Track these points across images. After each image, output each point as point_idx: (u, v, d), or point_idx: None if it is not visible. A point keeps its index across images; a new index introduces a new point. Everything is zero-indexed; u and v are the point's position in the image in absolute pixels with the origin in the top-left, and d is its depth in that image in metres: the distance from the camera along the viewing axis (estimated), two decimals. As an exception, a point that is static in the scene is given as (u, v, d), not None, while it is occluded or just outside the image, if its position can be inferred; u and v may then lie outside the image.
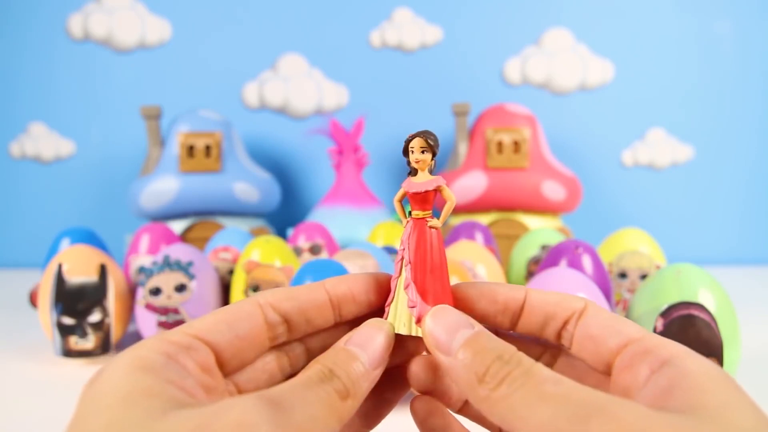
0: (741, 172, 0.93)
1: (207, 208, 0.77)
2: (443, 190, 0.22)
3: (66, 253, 0.51)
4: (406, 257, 0.21)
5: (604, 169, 0.94)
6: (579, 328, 0.20)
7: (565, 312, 0.20)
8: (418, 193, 0.21)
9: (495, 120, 0.76)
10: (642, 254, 0.54)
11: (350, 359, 0.19)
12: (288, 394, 0.17)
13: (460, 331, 0.19)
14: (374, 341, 0.20)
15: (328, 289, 0.22)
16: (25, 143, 0.95)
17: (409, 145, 0.21)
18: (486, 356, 0.17)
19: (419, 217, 0.21)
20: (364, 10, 0.93)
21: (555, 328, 0.20)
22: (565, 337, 0.20)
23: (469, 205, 0.76)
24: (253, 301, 0.20)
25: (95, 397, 0.16)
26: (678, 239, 0.89)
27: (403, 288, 0.21)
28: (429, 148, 0.21)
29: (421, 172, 0.21)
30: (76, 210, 0.96)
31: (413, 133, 0.21)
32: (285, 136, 0.95)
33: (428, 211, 0.22)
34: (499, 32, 0.93)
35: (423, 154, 0.21)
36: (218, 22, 0.94)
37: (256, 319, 0.20)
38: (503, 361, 0.17)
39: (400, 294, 0.21)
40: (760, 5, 0.90)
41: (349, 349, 0.19)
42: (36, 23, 0.93)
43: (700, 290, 0.38)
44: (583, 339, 0.19)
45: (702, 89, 0.92)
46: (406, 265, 0.21)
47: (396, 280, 0.21)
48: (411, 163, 0.21)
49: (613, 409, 0.14)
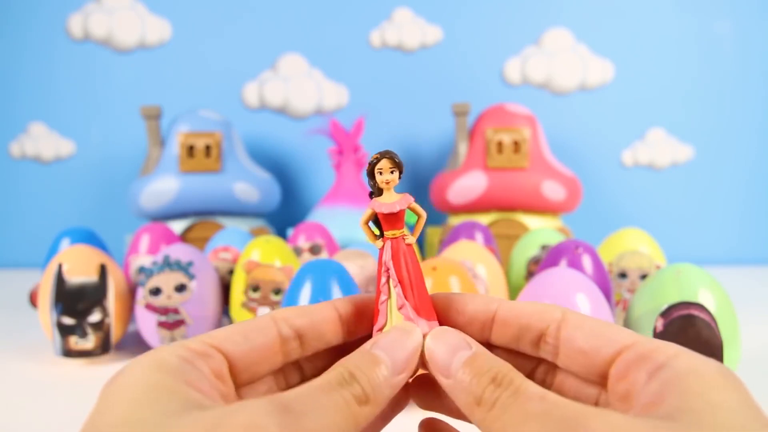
0: (741, 172, 0.93)
1: (207, 208, 0.77)
2: (414, 207, 0.22)
3: (66, 253, 0.51)
4: (393, 278, 0.21)
5: (604, 169, 0.94)
6: (564, 341, 0.19)
7: (540, 323, 0.20)
8: (392, 213, 0.21)
9: (495, 120, 0.76)
10: (642, 254, 0.54)
11: (373, 363, 0.19)
12: (303, 398, 0.17)
13: (458, 353, 0.19)
14: (401, 346, 0.20)
15: (337, 306, 0.22)
16: (25, 143, 0.95)
17: (376, 166, 0.21)
18: (482, 378, 0.17)
19: (396, 236, 0.22)
20: (364, 10, 0.93)
21: (530, 340, 0.20)
22: (545, 350, 0.20)
23: (469, 205, 0.76)
24: (268, 316, 0.21)
25: (114, 392, 0.16)
26: (678, 239, 0.89)
27: (397, 309, 0.21)
28: (396, 167, 0.21)
29: (387, 192, 0.22)
30: (76, 210, 0.96)
31: (377, 154, 0.21)
32: (285, 136, 0.95)
33: (402, 228, 0.22)
34: (499, 32, 0.93)
35: (392, 174, 0.21)
36: (218, 22, 0.94)
37: (271, 332, 0.20)
38: (496, 383, 0.17)
39: (394, 315, 0.21)
40: (760, 5, 0.90)
41: (373, 353, 0.19)
42: (36, 23, 0.93)
43: (700, 290, 0.38)
44: (570, 353, 0.19)
45: (702, 89, 0.92)
46: (396, 287, 0.21)
47: (386, 303, 0.21)
48: (378, 184, 0.21)
49: (592, 422, 0.15)
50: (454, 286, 0.38)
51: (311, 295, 0.38)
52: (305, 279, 0.38)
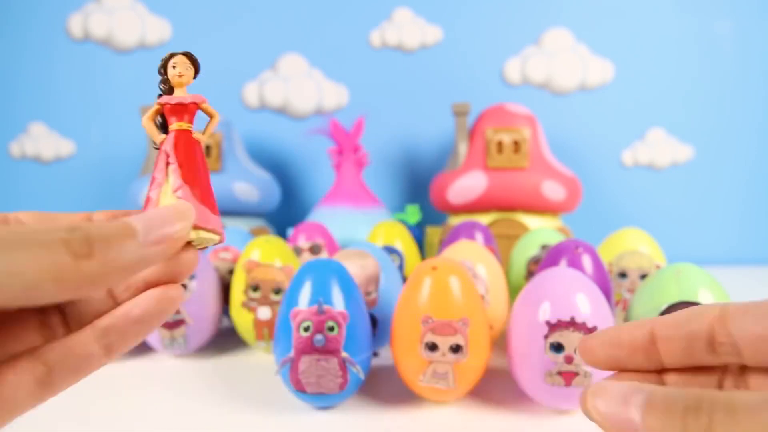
0: (741, 172, 0.93)
1: (207, 208, 0.77)
2: (206, 106, 0.21)
3: (66, 253, 0.51)
4: (173, 162, 0.20)
5: (604, 169, 0.94)
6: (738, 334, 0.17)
7: (703, 325, 0.18)
8: (180, 104, 0.21)
9: (495, 120, 0.76)
10: (642, 254, 0.54)
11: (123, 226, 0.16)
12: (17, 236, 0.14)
13: (631, 400, 0.16)
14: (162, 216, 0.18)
15: None
16: (25, 143, 0.95)
17: (170, 61, 0.21)
18: (675, 414, 0.15)
19: (183, 128, 0.21)
20: (364, 10, 0.93)
21: (703, 347, 0.18)
22: (724, 351, 0.18)
23: (469, 205, 0.76)
24: None
25: None
26: (678, 239, 0.89)
27: (173, 191, 0.20)
28: (193, 65, 0.21)
29: (178, 89, 0.21)
30: (76, 210, 0.96)
31: (172, 52, 0.21)
32: (285, 136, 0.95)
33: (191, 124, 0.21)
34: (499, 32, 0.93)
35: (187, 71, 0.21)
36: (218, 22, 0.94)
37: None
38: (694, 410, 0.14)
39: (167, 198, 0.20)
40: (760, 5, 0.90)
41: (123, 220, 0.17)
42: (36, 23, 0.93)
43: (700, 290, 0.38)
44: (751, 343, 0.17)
45: (702, 89, 0.92)
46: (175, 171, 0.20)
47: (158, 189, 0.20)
48: (171, 79, 0.21)
49: None
50: (454, 286, 0.38)
51: (311, 294, 0.37)
52: (305, 278, 0.38)
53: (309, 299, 0.37)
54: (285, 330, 0.37)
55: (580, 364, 0.36)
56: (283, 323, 0.38)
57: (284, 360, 0.37)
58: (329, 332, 0.36)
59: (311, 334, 0.36)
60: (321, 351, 0.36)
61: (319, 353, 0.36)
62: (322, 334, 0.36)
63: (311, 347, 0.36)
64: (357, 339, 0.37)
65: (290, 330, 0.37)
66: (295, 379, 0.37)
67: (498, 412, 0.39)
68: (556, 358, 0.36)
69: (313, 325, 0.36)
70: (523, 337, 0.38)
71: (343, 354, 0.36)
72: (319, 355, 0.36)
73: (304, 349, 0.36)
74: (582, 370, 0.36)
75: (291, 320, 0.37)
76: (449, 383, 0.37)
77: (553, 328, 0.36)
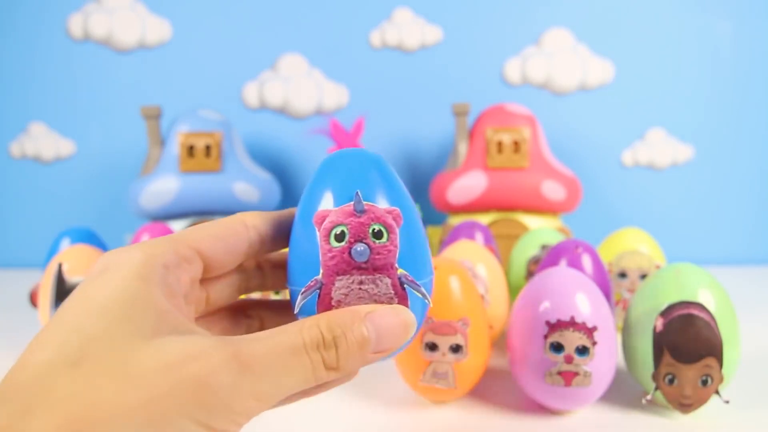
0: (741, 173, 0.93)
1: (207, 208, 0.77)
2: None
3: (66, 253, 0.51)
4: None
5: (604, 169, 0.94)
6: None
7: None
8: None
9: (495, 120, 0.76)
10: (642, 254, 0.54)
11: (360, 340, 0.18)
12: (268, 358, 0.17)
13: None
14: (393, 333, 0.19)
15: None
16: (25, 143, 0.95)
17: None
18: None
19: None
20: (364, 10, 0.93)
21: None
22: None
23: (469, 205, 0.76)
24: (240, 221, 0.22)
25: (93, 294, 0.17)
26: (678, 239, 0.89)
27: None
28: None
29: None
30: (76, 210, 0.96)
31: None
32: (285, 136, 0.95)
33: None
34: (499, 32, 0.93)
35: None
36: (218, 22, 0.94)
37: (243, 237, 0.22)
38: None
39: None
40: (761, 5, 0.90)
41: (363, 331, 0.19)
42: (36, 23, 0.93)
43: (699, 290, 0.38)
44: None
45: (702, 89, 0.92)
46: None
47: None
48: None
49: None
50: (454, 286, 0.38)
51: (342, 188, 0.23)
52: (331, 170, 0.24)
53: (338, 197, 0.23)
54: (305, 244, 0.23)
55: (580, 364, 0.36)
56: (302, 234, 0.23)
57: (308, 288, 0.22)
58: (375, 240, 0.22)
59: (348, 244, 0.22)
60: (365, 268, 0.22)
61: (361, 271, 0.22)
62: (365, 242, 0.22)
63: (349, 263, 0.22)
64: (414, 251, 0.24)
65: (313, 242, 0.23)
66: None
67: (498, 412, 0.39)
68: (556, 358, 0.36)
69: (349, 231, 0.22)
70: (523, 337, 0.38)
71: (400, 271, 0.23)
72: (362, 274, 0.22)
73: (338, 266, 0.22)
74: (582, 370, 0.36)
75: (315, 226, 0.23)
76: (449, 383, 0.37)
77: (553, 328, 0.36)
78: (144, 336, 0.16)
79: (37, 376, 0.15)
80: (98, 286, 0.17)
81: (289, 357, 0.17)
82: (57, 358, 0.15)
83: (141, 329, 0.16)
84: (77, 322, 0.16)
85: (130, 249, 0.19)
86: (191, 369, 0.15)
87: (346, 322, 0.19)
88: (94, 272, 0.18)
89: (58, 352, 0.15)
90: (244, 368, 0.16)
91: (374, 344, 0.19)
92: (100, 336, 0.15)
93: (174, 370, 0.15)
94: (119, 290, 0.17)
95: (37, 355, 0.16)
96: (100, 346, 0.15)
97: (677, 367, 0.36)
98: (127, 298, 0.17)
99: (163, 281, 0.18)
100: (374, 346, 0.19)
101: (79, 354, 0.15)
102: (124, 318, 0.16)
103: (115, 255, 0.18)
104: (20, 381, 0.15)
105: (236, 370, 0.16)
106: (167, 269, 0.18)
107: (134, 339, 0.16)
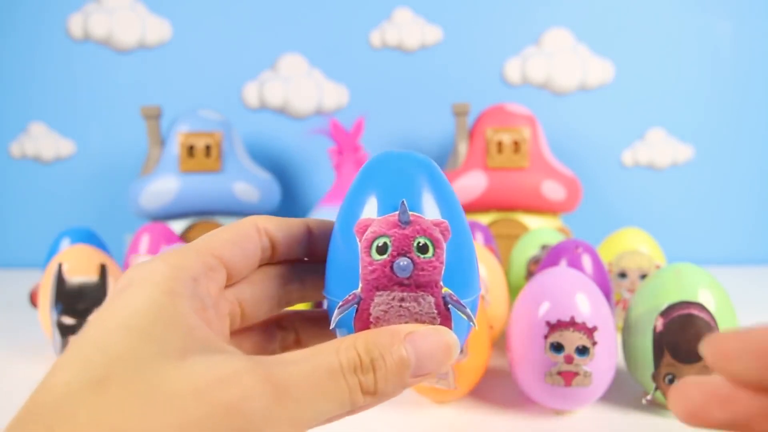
0: (741, 172, 0.93)
1: (207, 208, 0.77)
2: None
3: (66, 253, 0.51)
4: None
5: (604, 169, 0.94)
6: None
7: None
8: None
9: (495, 120, 0.76)
10: (642, 254, 0.54)
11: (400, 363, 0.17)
12: (304, 382, 0.16)
13: None
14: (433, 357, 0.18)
15: (310, 225, 0.23)
16: (25, 143, 0.95)
17: None
18: None
19: None
20: (364, 10, 0.93)
21: None
22: None
23: (469, 205, 0.76)
24: (252, 224, 0.21)
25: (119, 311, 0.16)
26: (678, 239, 0.89)
27: None
28: None
29: None
30: (76, 210, 0.96)
31: None
32: (285, 136, 0.95)
33: None
34: (499, 32, 0.93)
35: None
36: (218, 22, 0.94)
37: (255, 241, 0.21)
38: None
39: None
40: (761, 5, 0.90)
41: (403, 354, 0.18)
42: (36, 23, 0.93)
43: (699, 290, 0.38)
44: None
45: (702, 89, 0.92)
46: None
47: None
48: None
49: None
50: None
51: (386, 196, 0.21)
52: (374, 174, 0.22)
53: (382, 205, 0.21)
54: (346, 254, 0.21)
55: (580, 364, 0.36)
56: (342, 244, 0.22)
57: (345, 302, 0.21)
58: (420, 254, 0.21)
59: (390, 258, 0.20)
60: (407, 285, 0.21)
61: (403, 288, 0.21)
62: (409, 256, 0.20)
63: (391, 278, 0.20)
64: (463, 267, 0.22)
65: (354, 253, 0.21)
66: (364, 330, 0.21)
67: (498, 412, 0.39)
68: (556, 358, 0.36)
69: (393, 243, 0.20)
70: (523, 337, 0.38)
71: (444, 289, 0.21)
72: (403, 291, 0.20)
73: (378, 281, 0.20)
74: (582, 370, 0.36)
75: (356, 236, 0.21)
76: (449, 383, 0.37)
77: (553, 328, 0.36)
78: (171, 356, 0.15)
79: (60, 398, 0.14)
80: (123, 302, 0.16)
81: (325, 381, 0.16)
82: (80, 378, 0.15)
83: (168, 348, 0.15)
84: (101, 340, 0.15)
85: (154, 262, 0.18)
86: (223, 394, 0.15)
87: (384, 343, 0.18)
88: (118, 288, 0.17)
89: (82, 373, 0.15)
90: (278, 393, 0.15)
91: (414, 367, 0.18)
92: (124, 356, 0.15)
93: (204, 395, 0.14)
94: (145, 306, 0.16)
95: (59, 376, 0.15)
96: (125, 366, 0.15)
97: (677, 367, 0.36)
98: (153, 315, 0.16)
99: (193, 295, 0.17)
100: (414, 369, 0.18)
101: (102, 374, 0.15)
102: (151, 336, 0.15)
103: (140, 269, 0.18)
104: (43, 403, 0.15)
105: (270, 395, 0.15)
106: (196, 281, 0.18)
107: (161, 359, 0.15)
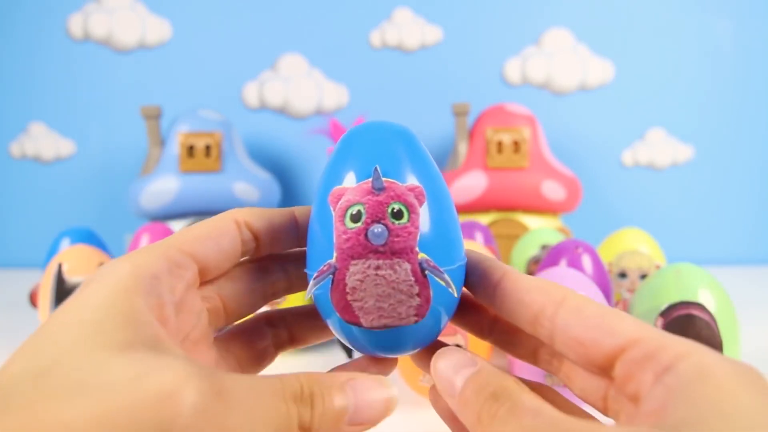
0: (741, 172, 0.93)
1: (207, 208, 0.77)
2: None
3: (66, 253, 0.51)
4: None
5: (604, 169, 0.94)
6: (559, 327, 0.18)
7: (537, 302, 0.18)
8: None
9: (495, 120, 0.76)
10: (642, 254, 0.54)
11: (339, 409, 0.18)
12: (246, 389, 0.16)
13: (462, 371, 0.18)
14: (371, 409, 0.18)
15: (296, 213, 0.23)
16: (25, 143, 0.95)
17: None
18: (481, 395, 0.17)
19: None
20: (364, 10, 0.93)
21: (527, 319, 0.19)
22: (541, 333, 0.18)
23: (469, 205, 0.76)
24: (231, 218, 0.21)
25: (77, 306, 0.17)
26: (678, 239, 0.89)
27: None
28: None
29: None
30: (76, 210, 0.96)
31: None
32: (285, 136, 0.95)
33: None
34: (499, 32, 0.93)
35: None
36: (218, 22, 0.94)
37: (235, 236, 0.21)
38: (495, 398, 0.17)
39: None
40: (761, 5, 0.90)
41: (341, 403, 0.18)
42: (36, 23, 0.93)
43: (700, 290, 0.38)
44: (567, 341, 0.17)
45: (702, 89, 0.92)
46: None
47: None
48: None
49: None
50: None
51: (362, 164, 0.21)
52: (351, 144, 0.22)
53: (359, 175, 0.21)
54: (321, 225, 0.21)
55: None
56: (318, 215, 0.21)
57: (320, 272, 0.20)
58: (394, 220, 0.20)
59: (364, 225, 0.20)
60: (382, 252, 0.20)
61: (378, 255, 0.20)
62: (383, 223, 0.20)
63: (365, 245, 0.20)
64: (442, 233, 0.21)
65: (329, 223, 0.20)
66: (340, 302, 0.20)
67: (498, 412, 0.39)
68: (556, 358, 0.36)
69: (366, 210, 0.20)
70: (523, 337, 0.38)
71: (421, 255, 0.20)
72: (379, 259, 0.20)
73: (353, 249, 0.20)
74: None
75: (330, 206, 0.21)
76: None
77: (553, 328, 0.36)
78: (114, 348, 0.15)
79: (2, 386, 0.15)
80: (81, 298, 0.17)
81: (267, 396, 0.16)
82: (27, 368, 0.15)
83: (112, 342, 0.15)
84: (55, 333, 0.16)
85: (119, 260, 0.18)
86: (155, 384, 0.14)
87: (326, 382, 0.18)
88: (83, 285, 0.18)
89: (31, 363, 0.15)
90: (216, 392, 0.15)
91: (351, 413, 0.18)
92: (71, 347, 0.15)
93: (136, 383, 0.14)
94: (99, 302, 0.16)
95: (10, 367, 0.16)
96: (71, 357, 0.15)
97: (677, 367, 0.36)
98: (106, 310, 0.16)
99: (150, 292, 0.17)
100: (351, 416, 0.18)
101: (49, 364, 0.15)
102: (100, 330, 0.16)
103: (104, 268, 0.18)
104: None
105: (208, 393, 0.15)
106: (157, 279, 0.18)
107: (104, 351, 0.15)
